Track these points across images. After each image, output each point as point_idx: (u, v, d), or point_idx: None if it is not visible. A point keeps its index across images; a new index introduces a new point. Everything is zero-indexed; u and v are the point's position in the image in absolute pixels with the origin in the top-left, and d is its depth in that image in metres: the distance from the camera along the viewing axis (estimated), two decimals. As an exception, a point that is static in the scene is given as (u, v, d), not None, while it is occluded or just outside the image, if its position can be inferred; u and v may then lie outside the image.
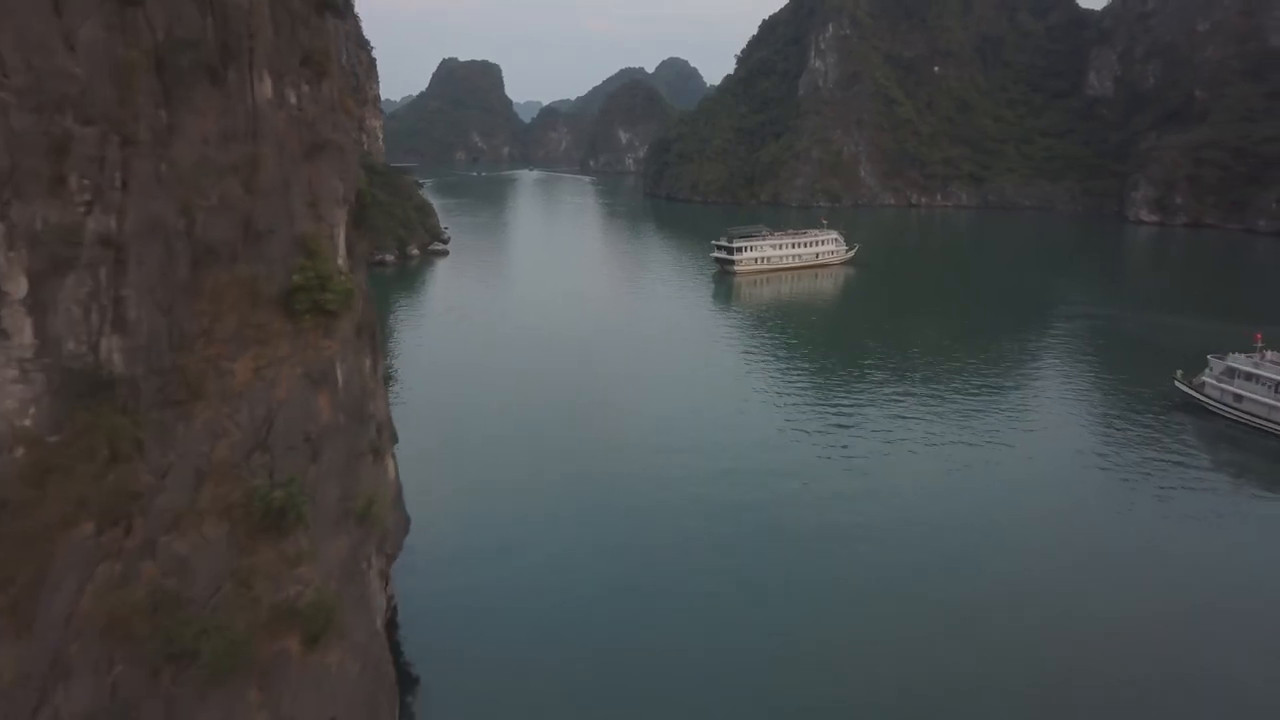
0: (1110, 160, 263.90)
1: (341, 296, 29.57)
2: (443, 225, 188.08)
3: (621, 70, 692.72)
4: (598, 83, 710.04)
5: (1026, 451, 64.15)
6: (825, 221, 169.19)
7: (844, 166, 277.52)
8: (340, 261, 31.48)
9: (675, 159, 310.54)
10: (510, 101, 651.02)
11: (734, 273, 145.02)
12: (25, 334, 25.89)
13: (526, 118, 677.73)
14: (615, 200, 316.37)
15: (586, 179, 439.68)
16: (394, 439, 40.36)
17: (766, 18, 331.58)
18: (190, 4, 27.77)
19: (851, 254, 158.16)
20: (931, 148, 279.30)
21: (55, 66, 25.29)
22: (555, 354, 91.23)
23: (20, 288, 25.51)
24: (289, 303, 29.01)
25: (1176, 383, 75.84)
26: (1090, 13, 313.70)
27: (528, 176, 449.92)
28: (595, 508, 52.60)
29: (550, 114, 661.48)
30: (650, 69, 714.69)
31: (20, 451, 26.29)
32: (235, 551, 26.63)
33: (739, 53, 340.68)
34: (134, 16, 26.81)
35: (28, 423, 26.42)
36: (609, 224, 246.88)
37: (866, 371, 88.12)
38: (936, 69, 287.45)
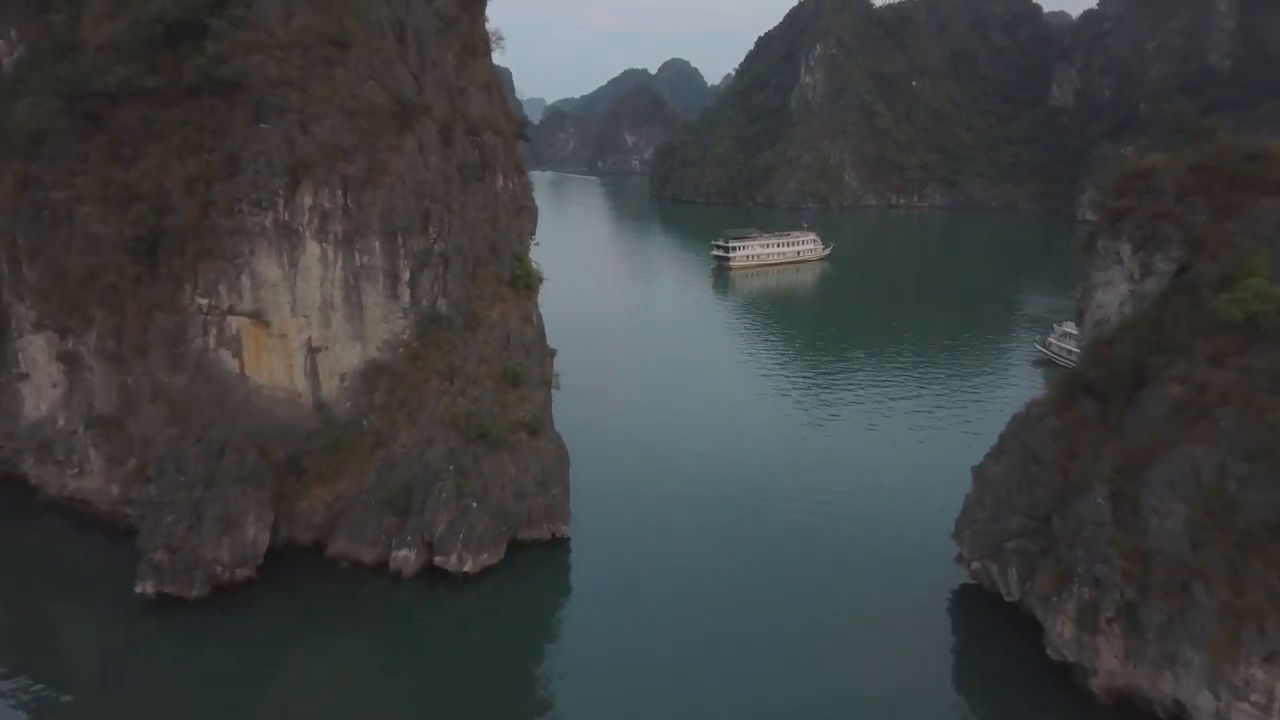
0: (1067, 166, 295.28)
1: (536, 280, 62.05)
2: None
3: (626, 72, 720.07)
4: (601, 81, 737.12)
5: (934, 400, 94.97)
6: (806, 225, 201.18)
7: (831, 171, 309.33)
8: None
9: (680, 164, 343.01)
10: (520, 104, 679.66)
11: (730, 268, 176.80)
12: (406, 297, 58.21)
13: (529, 114, 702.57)
14: (625, 201, 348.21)
15: (595, 179, 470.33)
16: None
17: (762, 34, 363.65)
18: (470, 145, 60.03)
19: (827, 251, 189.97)
20: (909, 154, 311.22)
21: (422, 177, 57.63)
22: (588, 333, 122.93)
23: (406, 275, 57.81)
24: (513, 283, 61.38)
25: (1035, 344, 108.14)
26: (1056, 30, 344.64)
27: (541, 178, 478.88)
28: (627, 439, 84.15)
29: (558, 115, 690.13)
30: (653, 70, 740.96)
31: (402, 350, 58.58)
32: (498, 394, 58.89)
33: (737, 66, 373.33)
34: (451, 153, 59.17)
35: (405, 336, 58.72)
36: (624, 224, 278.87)
37: (828, 342, 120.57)
38: (914, 84, 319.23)
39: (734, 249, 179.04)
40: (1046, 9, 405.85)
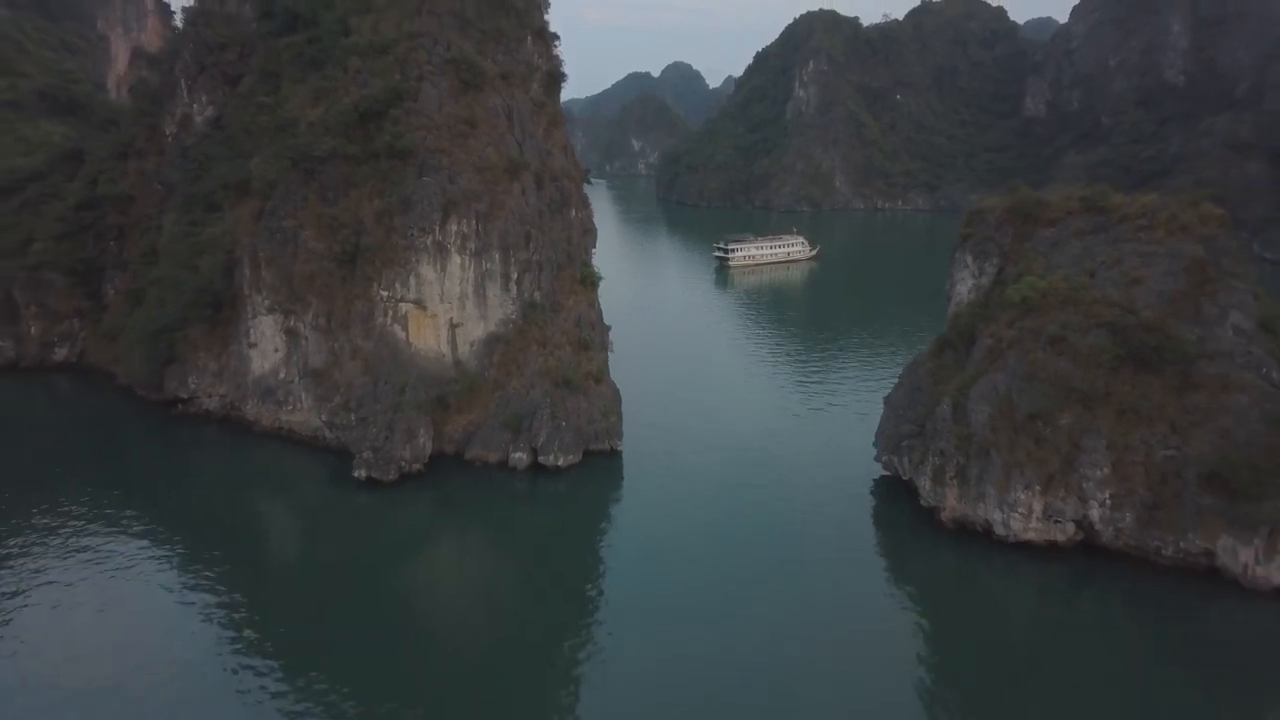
0: (1038, 173, 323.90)
1: (597, 280, 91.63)
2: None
3: (630, 75, 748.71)
4: (606, 83, 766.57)
5: (883, 365, 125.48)
6: (795, 229, 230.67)
7: (822, 177, 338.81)
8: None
9: (684, 169, 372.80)
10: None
11: (729, 267, 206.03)
12: (514, 291, 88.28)
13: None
14: (634, 205, 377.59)
15: (603, 183, 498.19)
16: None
17: (760, 50, 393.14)
18: (554, 189, 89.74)
19: (815, 252, 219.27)
20: (894, 162, 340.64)
21: (525, 211, 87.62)
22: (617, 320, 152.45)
23: (514, 276, 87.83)
24: (582, 281, 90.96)
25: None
26: (1030, 45, 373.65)
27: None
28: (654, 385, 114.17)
29: (567, 119, 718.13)
30: (655, 73, 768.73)
31: (511, 326, 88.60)
32: (574, 355, 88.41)
33: (738, 78, 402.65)
34: (542, 194, 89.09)
35: (513, 317, 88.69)
36: (634, 226, 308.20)
37: (810, 327, 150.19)
38: (898, 96, 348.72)
39: (732, 250, 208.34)
40: (1033, 17, 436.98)
